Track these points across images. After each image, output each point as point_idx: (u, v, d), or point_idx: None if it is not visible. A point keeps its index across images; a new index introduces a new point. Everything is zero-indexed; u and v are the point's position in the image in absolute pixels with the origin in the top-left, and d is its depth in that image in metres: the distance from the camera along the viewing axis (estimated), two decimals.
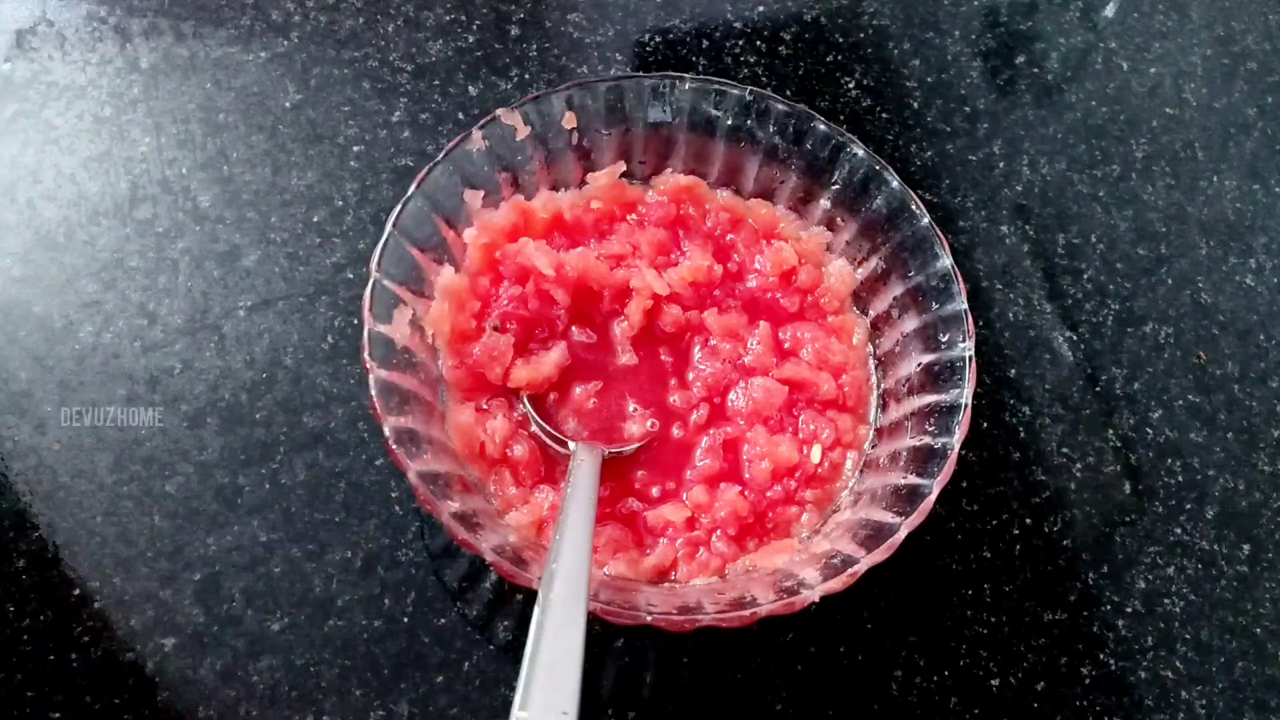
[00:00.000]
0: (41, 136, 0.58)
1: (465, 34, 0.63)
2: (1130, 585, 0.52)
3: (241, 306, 0.54)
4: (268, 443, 0.51)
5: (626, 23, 0.65)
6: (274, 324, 0.54)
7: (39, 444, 0.50)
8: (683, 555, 0.47)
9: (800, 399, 0.50)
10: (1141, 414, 0.56)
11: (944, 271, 0.49)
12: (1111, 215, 0.62)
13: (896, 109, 0.63)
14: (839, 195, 0.53)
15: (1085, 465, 0.54)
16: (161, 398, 0.51)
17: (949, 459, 0.44)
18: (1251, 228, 0.62)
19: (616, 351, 0.50)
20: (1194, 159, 0.64)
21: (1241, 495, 0.54)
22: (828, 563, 0.43)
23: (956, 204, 0.61)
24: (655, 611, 0.41)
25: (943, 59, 0.66)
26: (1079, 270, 0.60)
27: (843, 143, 0.52)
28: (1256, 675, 0.50)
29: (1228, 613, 0.52)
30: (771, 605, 0.41)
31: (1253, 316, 0.60)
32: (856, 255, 0.53)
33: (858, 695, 0.48)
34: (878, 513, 0.45)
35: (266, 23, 0.62)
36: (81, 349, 0.52)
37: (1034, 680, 0.49)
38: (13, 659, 0.45)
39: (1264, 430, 0.56)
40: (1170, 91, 0.66)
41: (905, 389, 0.50)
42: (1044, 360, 0.57)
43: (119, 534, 0.48)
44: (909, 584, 0.50)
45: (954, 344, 0.48)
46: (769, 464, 0.48)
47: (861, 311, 0.54)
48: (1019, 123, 0.64)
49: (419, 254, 0.48)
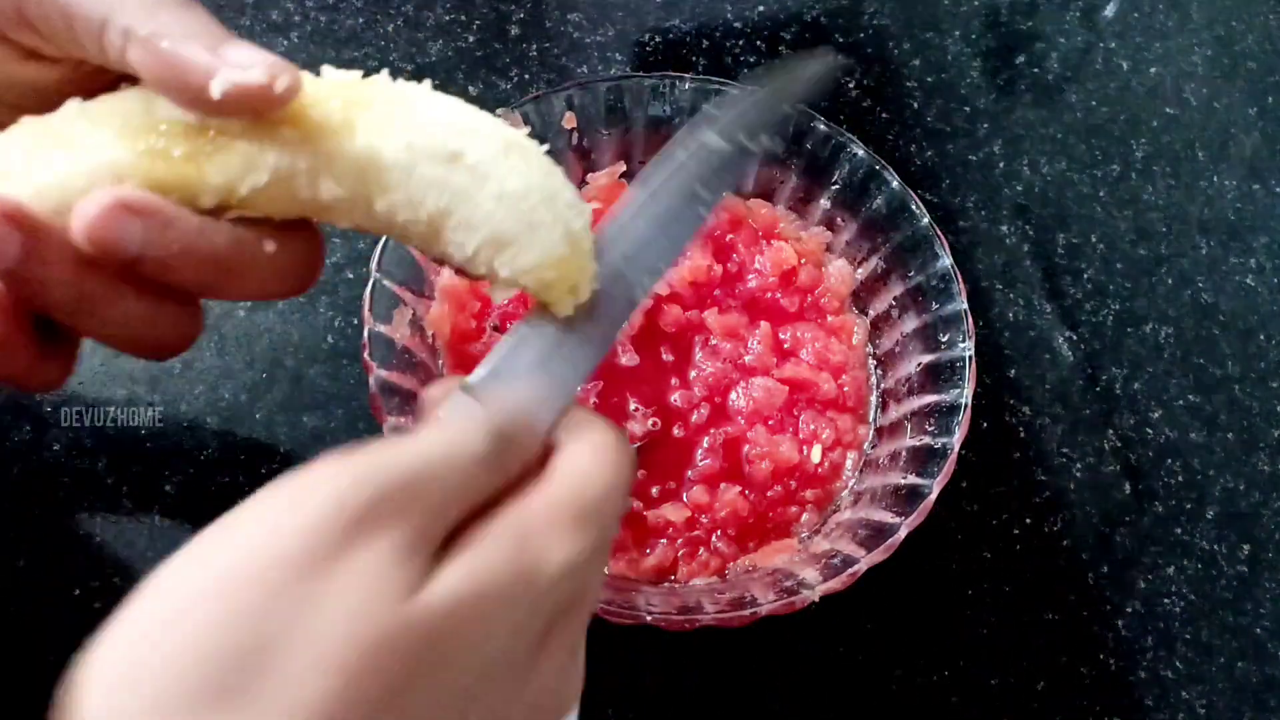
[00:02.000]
0: None
1: (465, 34, 0.63)
2: (1130, 585, 0.52)
3: (241, 306, 0.54)
4: (268, 443, 0.51)
5: (626, 23, 0.65)
6: (274, 324, 0.54)
7: (39, 444, 0.50)
8: (683, 555, 0.47)
9: (801, 399, 0.50)
10: (1141, 414, 0.56)
11: (944, 271, 0.49)
12: (1111, 215, 0.62)
13: (896, 109, 0.63)
14: (839, 195, 0.53)
15: (1085, 465, 0.54)
16: (161, 398, 0.51)
17: (949, 459, 0.44)
18: (1251, 228, 0.62)
19: (616, 351, 0.50)
20: (1194, 159, 0.64)
21: (1241, 495, 0.54)
22: (828, 563, 0.43)
23: (956, 204, 0.61)
24: (655, 611, 0.41)
25: (943, 59, 0.66)
26: (1079, 270, 0.60)
27: (843, 143, 0.52)
28: (1256, 675, 0.50)
29: (1228, 613, 0.52)
30: (771, 605, 0.41)
31: (1253, 316, 0.60)
32: (856, 255, 0.53)
33: (858, 695, 0.48)
34: (878, 513, 0.45)
35: (266, 23, 0.62)
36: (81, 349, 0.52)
37: (1034, 680, 0.49)
38: (13, 659, 0.45)
39: (1264, 430, 0.56)
40: (1170, 91, 0.66)
41: (905, 389, 0.50)
42: (1044, 360, 0.57)
43: (119, 534, 0.48)
44: (909, 584, 0.50)
45: (954, 344, 0.48)
46: (769, 464, 0.48)
47: (861, 311, 0.54)
48: (1019, 123, 0.64)
49: (419, 254, 0.48)
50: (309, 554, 0.21)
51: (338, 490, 0.22)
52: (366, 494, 0.22)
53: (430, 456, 0.23)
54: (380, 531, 0.22)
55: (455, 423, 0.26)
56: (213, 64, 0.25)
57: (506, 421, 0.26)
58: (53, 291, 0.26)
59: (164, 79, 0.26)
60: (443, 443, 0.24)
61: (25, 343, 0.27)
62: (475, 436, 0.25)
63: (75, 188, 0.26)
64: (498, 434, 0.25)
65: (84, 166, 0.26)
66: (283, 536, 0.21)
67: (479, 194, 0.28)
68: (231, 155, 0.26)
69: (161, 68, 0.25)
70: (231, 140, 0.26)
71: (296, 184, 0.27)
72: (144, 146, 0.26)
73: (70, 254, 0.25)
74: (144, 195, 0.25)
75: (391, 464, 0.23)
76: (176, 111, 0.27)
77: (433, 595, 0.22)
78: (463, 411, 0.26)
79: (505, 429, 0.25)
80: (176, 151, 0.26)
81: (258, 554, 0.21)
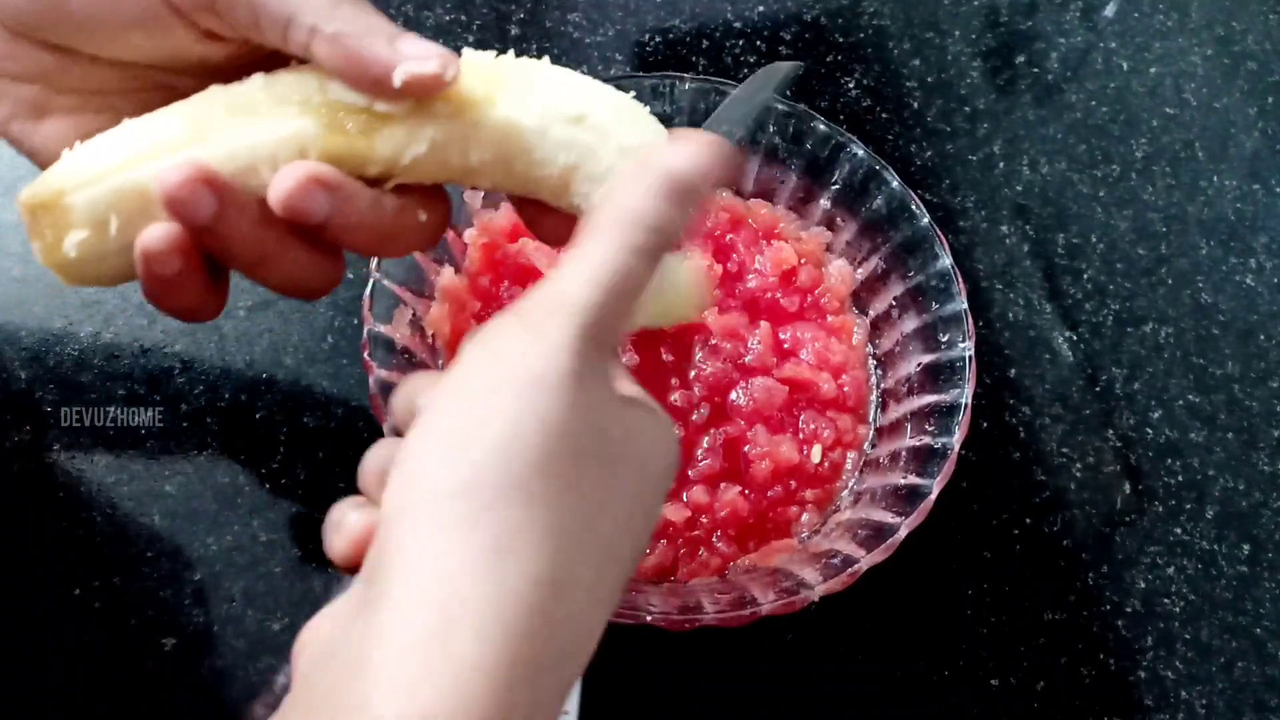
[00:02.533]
0: None
1: (465, 34, 0.63)
2: (1130, 585, 0.52)
3: (242, 306, 0.54)
4: (268, 443, 0.51)
5: (626, 23, 0.65)
6: (274, 324, 0.54)
7: (39, 444, 0.50)
8: (683, 555, 0.47)
9: (801, 399, 0.50)
10: (1141, 414, 0.56)
11: (944, 271, 0.49)
12: (1111, 215, 0.62)
13: (896, 109, 0.63)
14: (839, 195, 0.53)
15: (1085, 465, 0.54)
16: (161, 398, 0.51)
17: (949, 459, 0.44)
18: (1251, 228, 0.62)
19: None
20: (1194, 159, 0.64)
21: (1241, 495, 0.54)
22: (828, 563, 0.43)
23: (956, 204, 0.61)
24: (655, 611, 0.41)
25: (943, 59, 0.66)
26: (1079, 270, 0.60)
27: (843, 143, 0.52)
28: (1256, 675, 0.50)
29: (1227, 613, 0.52)
30: (771, 605, 0.41)
31: (1253, 316, 0.60)
32: (856, 255, 0.53)
33: (858, 695, 0.48)
34: (878, 512, 0.45)
35: None
36: (81, 349, 0.52)
37: (1034, 680, 0.49)
38: (13, 659, 0.45)
39: (1264, 430, 0.56)
40: (1170, 91, 0.66)
41: (905, 389, 0.50)
42: (1044, 360, 0.57)
43: (119, 534, 0.48)
44: (909, 584, 0.50)
45: (954, 344, 0.48)
46: (769, 464, 0.48)
47: (861, 311, 0.54)
48: (1019, 123, 0.64)
49: (419, 254, 0.48)
50: (575, 370, 0.26)
51: (582, 322, 0.27)
52: (595, 318, 0.27)
53: (618, 287, 0.28)
54: (604, 346, 0.28)
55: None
56: (393, 58, 0.30)
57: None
58: (234, 245, 0.30)
59: (348, 70, 0.30)
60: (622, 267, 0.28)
61: (197, 282, 0.31)
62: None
63: (262, 155, 0.30)
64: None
65: (271, 136, 0.30)
66: (551, 358, 0.26)
67: (602, 149, 0.32)
68: (396, 130, 0.31)
69: (347, 61, 0.30)
70: (396, 118, 0.31)
71: (449, 153, 0.31)
72: (323, 121, 0.30)
73: (254, 214, 0.30)
74: (332, 171, 0.30)
75: (600, 297, 0.27)
76: (348, 93, 0.30)
77: (628, 390, 0.29)
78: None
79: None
80: (350, 126, 0.30)
81: (534, 369, 0.26)
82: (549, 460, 0.25)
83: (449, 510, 0.24)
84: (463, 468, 0.25)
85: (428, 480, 0.25)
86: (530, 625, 0.24)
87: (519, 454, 0.25)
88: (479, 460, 0.25)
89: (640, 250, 0.28)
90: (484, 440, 0.25)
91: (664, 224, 0.29)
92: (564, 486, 0.25)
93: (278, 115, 0.30)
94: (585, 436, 0.26)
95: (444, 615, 0.23)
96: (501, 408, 0.25)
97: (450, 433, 0.25)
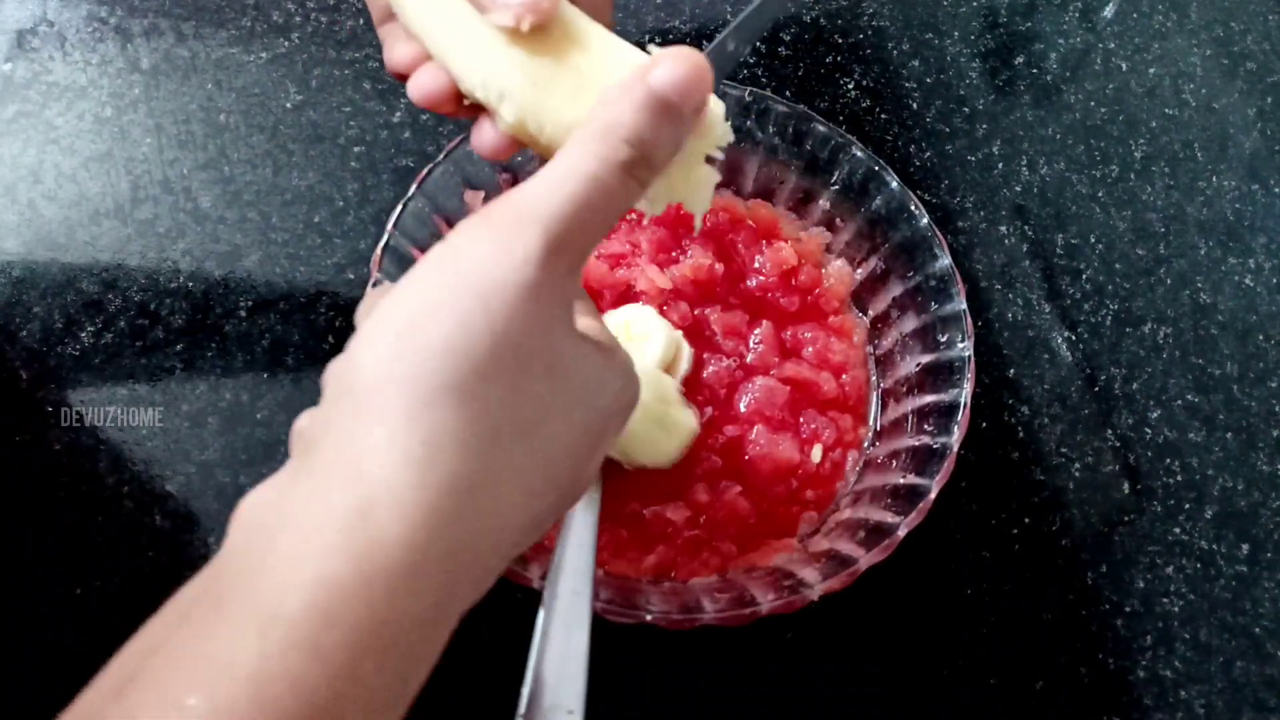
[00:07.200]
0: (42, 137, 0.58)
1: None
2: (1129, 585, 0.52)
3: (242, 307, 0.54)
4: (268, 443, 0.51)
5: (626, 23, 0.65)
6: (274, 324, 0.54)
7: (39, 444, 0.50)
8: (683, 555, 0.47)
9: (802, 398, 0.50)
10: (1140, 414, 0.56)
11: (943, 272, 0.49)
12: (1110, 215, 0.62)
13: (896, 109, 0.64)
14: (839, 195, 0.53)
15: (1084, 465, 0.54)
16: (161, 398, 0.51)
17: (948, 459, 0.44)
18: (1251, 228, 0.62)
19: None
20: (1193, 159, 0.64)
21: (1241, 495, 0.54)
22: (828, 562, 0.44)
23: (956, 204, 0.61)
24: (655, 611, 0.41)
25: (942, 59, 0.66)
26: (1078, 270, 0.60)
27: (842, 143, 0.52)
28: (1255, 674, 0.50)
29: (1226, 612, 0.52)
30: (771, 605, 0.41)
31: (1251, 316, 0.60)
32: (856, 255, 0.53)
33: (858, 695, 0.48)
34: (877, 512, 0.45)
35: (267, 23, 0.62)
36: (81, 349, 0.52)
37: (1033, 680, 0.49)
38: (13, 659, 0.45)
39: (1263, 430, 0.56)
40: (1170, 92, 0.66)
41: (905, 389, 0.50)
42: (1043, 360, 0.57)
43: (119, 534, 0.48)
44: (908, 583, 0.50)
45: (953, 344, 0.48)
46: (770, 464, 0.48)
47: (861, 311, 0.54)
48: (1018, 123, 0.64)
49: (420, 254, 0.48)
50: (535, 281, 0.27)
51: (547, 233, 0.27)
52: (562, 229, 0.27)
53: (590, 201, 0.28)
54: (570, 260, 0.28)
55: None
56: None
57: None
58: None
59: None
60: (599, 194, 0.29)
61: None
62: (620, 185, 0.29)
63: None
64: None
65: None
66: (509, 265, 0.27)
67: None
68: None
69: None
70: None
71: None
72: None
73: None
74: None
75: (569, 209, 0.28)
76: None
77: (584, 327, 0.30)
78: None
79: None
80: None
81: (492, 275, 0.27)
82: (492, 366, 0.26)
83: (388, 400, 0.25)
84: (408, 361, 0.26)
85: (373, 369, 0.26)
86: (447, 514, 0.25)
87: (465, 357, 0.26)
88: (425, 358, 0.26)
89: (618, 165, 0.28)
90: (433, 339, 0.26)
91: (645, 139, 0.29)
92: (505, 393, 0.26)
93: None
94: (534, 351, 0.27)
95: (368, 494, 0.24)
96: (455, 309, 0.26)
97: (403, 326, 0.26)
